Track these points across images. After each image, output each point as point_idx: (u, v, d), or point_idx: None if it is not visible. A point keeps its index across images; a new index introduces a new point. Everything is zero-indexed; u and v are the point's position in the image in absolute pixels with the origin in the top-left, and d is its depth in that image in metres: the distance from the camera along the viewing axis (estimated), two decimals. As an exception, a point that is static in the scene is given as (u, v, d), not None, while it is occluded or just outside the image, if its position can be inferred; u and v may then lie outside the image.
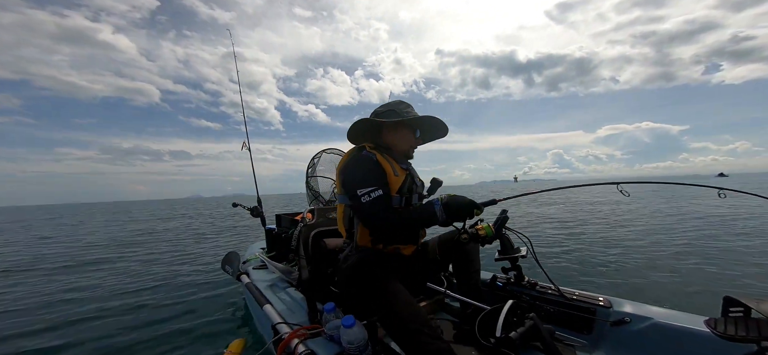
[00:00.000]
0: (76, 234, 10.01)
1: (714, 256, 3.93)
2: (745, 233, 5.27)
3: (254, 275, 2.21)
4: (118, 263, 5.17)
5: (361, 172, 1.23)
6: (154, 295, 3.38)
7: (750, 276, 3.22)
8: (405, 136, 1.38)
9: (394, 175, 1.28)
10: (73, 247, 7.21)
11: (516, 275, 1.56)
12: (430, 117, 1.38)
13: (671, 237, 5.14)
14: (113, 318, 2.77)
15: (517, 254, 1.50)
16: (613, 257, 4.04)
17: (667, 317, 1.13)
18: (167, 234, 8.88)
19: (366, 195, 1.17)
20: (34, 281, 4.22)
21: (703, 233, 5.39)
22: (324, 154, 2.52)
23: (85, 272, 4.63)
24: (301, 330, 1.29)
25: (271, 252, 2.63)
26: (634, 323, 1.18)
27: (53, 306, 3.14)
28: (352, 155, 1.32)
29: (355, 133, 1.41)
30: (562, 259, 4.09)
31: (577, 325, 1.32)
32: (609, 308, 1.26)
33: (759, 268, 3.49)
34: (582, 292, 1.40)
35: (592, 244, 4.93)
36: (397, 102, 1.39)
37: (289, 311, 1.57)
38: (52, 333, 2.51)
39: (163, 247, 6.62)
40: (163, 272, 4.42)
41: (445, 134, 1.51)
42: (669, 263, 3.71)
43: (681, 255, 4.03)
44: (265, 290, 1.89)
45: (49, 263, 5.44)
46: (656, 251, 4.27)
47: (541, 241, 5.05)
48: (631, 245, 4.78)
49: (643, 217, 7.55)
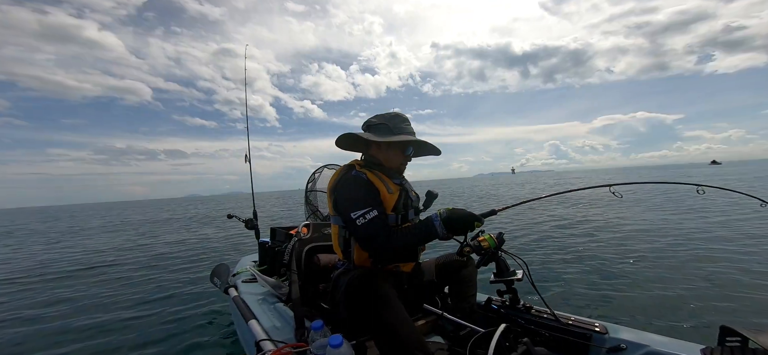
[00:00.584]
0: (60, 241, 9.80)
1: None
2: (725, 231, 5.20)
3: (243, 289, 2.15)
4: (94, 273, 5.01)
5: (352, 194, 1.20)
6: (135, 308, 3.27)
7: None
8: (395, 153, 1.34)
9: (388, 193, 1.25)
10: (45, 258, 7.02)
11: (511, 298, 1.52)
12: (421, 142, 1.34)
13: (677, 240, 4.94)
14: (84, 332, 2.67)
15: (513, 277, 1.48)
16: (620, 267, 3.85)
17: (664, 344, 1.11)
18: (158, 239, 8.72)
19: (361, 217, 1.14)
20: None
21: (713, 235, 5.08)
22: (325, 170, 2.53)
23: (63, 283, 4.48)
24: (286, 348, 1.24)
25: (263, 265, 2.58)
26: (630, 351, 1.14)
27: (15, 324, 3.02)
28: (342, 174, 1.29)
29: (345, 142, 1.39)
30: (558, 274, 4.02)
31: (572, 351, 1.28)
32: (605, 335, 1.23)
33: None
34: (578, 317, 1.37)
35: (593, 249, 4.79)
36: (392, 116, 1.35)
37: (275, 328, 1.52)
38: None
39: (149, 254, 6.48)
40: (146, 282, 4.29)
41: (438, 154, 1.50)
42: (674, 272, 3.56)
43: (692, 263, 3.85)
44: (253, 305, 1.84)
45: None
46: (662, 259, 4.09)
47: (537, 251, 4.94)
48: (630, 247, 4.67)
49: (642, 217, 7.32)
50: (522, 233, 6.33)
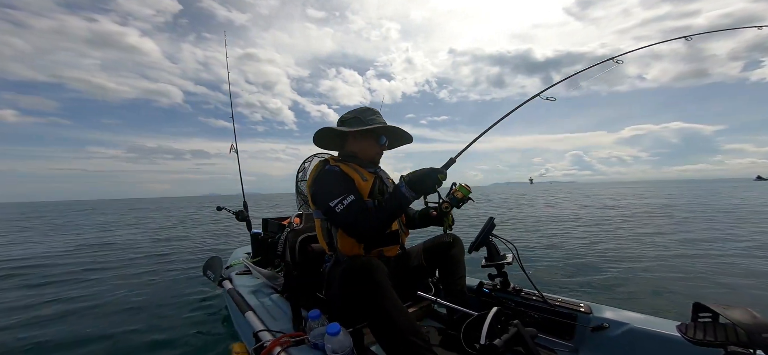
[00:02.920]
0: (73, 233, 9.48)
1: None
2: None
3: (237, 281, 2.15)
4: (94, 268, 4.92)
5: (328, 185, 1.26)
6: (129, 301, 3.23)
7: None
8: (370, 144, 1.41)
9: (363, 181, 1.31)
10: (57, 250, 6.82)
11: (502, 282, 1.58)
12: (392, 127, 1.42)
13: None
14: (78, 324, 2.63)
15: (503, 261, 1.53)
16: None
17: (643, 322, 1.18)
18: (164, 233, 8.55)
19: (339, 204, 1.19)
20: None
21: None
22: (315, 158, 2.50)
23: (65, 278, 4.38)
24: (284, 338, 1.26)
25: (256, 257, 2.57)
26: (613, 329, 1.22)
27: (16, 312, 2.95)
28: (318, 170, 1.35)
29: (322, 139, 1.45)
30: (548, 261, 4.17)
31: (559, 330, 1.35)
32: (589, 314, 1.30)
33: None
34: (565, 298, 1.44)
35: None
36: (363, 109, 1.43)
37: (272, 318, 1.53)
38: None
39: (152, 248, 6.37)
40: (139, 276, 4.24)
41: (410, 142, 1.56)
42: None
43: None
44: (248, 297, 1.84)
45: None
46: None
47: (526, 236, 5.10)
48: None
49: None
50: (512, 220, 6.47)
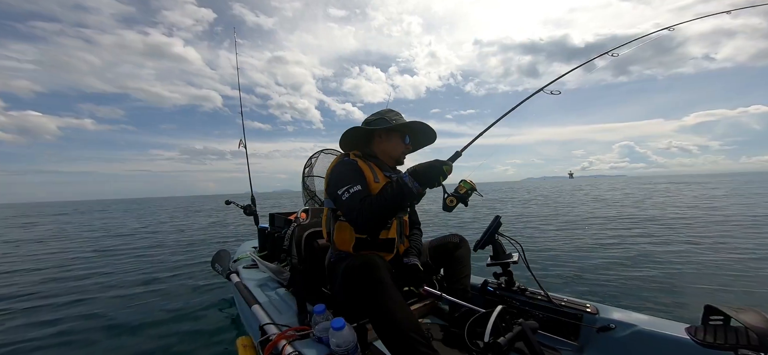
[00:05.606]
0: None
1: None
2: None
3: (244, 275, 2.19)
4: (108, 259, 5.07)
5: (341, 175, 1.30)
6: (144, 290, 3.32)
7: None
8: (396, 142, 1.44)
9: (374, 182, 1.32)
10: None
11: (507, 281, 1.57)
12: (417, 122, 1.43)
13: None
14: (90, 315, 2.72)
15: (509, 260, 1.52)
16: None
17: (651, 324, 1.16)
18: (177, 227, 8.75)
19: (345, 192, 1.23)
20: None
21: None
22: (322, 154, 2.52)
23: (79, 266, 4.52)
24: (290, 331, 1.28)
25: (263, 251, 2.61)
26: (619, 330, 1.20)
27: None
28: (337, 161, 1.39)
29: (347, 141, 1.47)
30: (553, 257, 4.09)
31: (564, 330, 1.34)
32: (595, 315, 1.28)
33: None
34: (570, 298, 1.42)
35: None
36: (387, 110, 1.46)
37: (278, 312, 1.56)
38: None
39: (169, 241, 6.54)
40: (148, 270, 4.35)
41: (433, 141, 1.56)
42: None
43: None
44: (255, 290, 1.87)
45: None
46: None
47: (534, 236, 5.04)
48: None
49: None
50: (519, 220, 6.37)
